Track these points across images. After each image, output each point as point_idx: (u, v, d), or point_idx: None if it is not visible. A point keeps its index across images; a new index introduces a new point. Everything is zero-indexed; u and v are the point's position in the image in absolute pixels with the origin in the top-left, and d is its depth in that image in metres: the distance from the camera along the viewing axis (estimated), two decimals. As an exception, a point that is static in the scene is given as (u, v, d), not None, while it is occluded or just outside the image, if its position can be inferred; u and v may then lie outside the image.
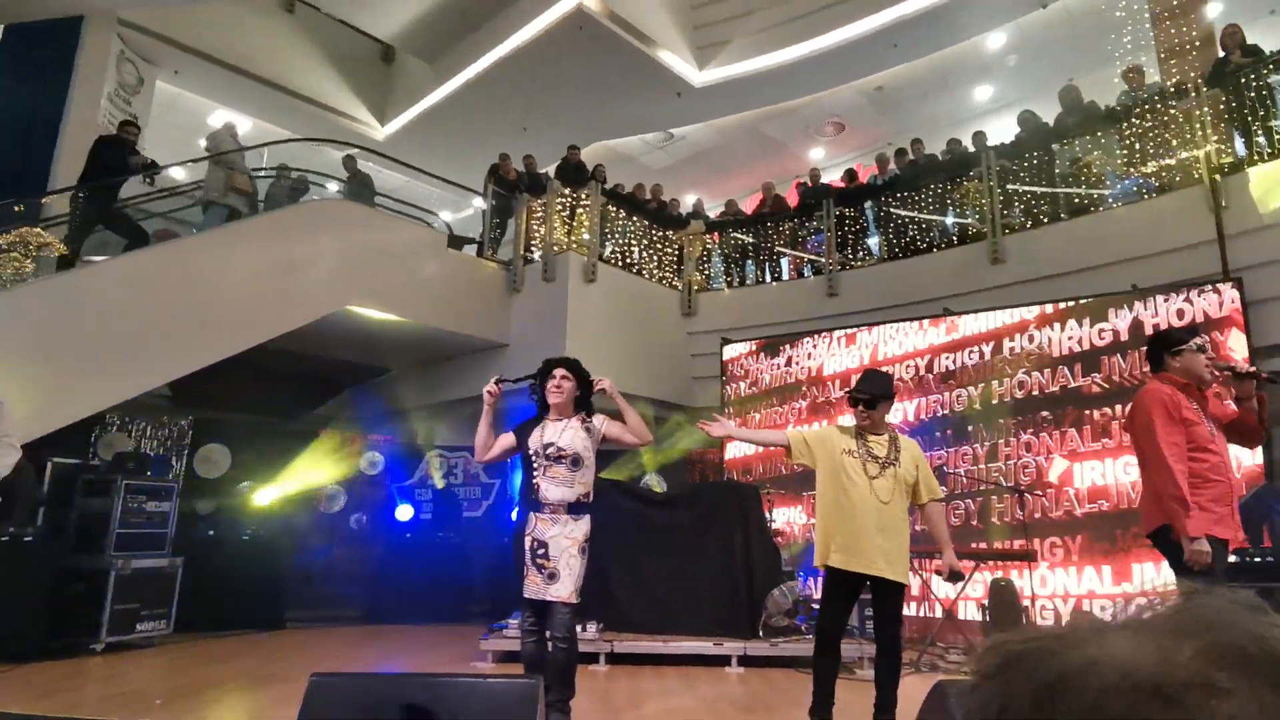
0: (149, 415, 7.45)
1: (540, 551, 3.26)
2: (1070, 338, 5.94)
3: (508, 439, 3.49)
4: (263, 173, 8.45)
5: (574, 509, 3.30)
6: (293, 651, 5.75)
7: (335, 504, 8.19)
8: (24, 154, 7.99)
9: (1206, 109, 6.02)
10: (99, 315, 5.76)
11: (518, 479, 8.46)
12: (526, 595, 3.27)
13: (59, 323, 5.59)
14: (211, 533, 6.83)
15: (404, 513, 8.04)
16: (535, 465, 3.34)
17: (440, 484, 8.27)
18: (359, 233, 7.29)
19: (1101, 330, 5.81)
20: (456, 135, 11.06)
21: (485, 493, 8.59)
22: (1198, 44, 6.78)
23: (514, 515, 7.75)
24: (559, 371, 3.50)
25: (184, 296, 6.13)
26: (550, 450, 3.32)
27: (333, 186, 8.89)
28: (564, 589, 3.20)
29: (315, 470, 7.98)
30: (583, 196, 8.29)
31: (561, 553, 3.23)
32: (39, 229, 6.64)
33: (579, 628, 5.18)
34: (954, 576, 3.44)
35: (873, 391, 3.43)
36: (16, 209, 7.04)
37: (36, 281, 5.90)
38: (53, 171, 7.99)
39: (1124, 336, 5.71)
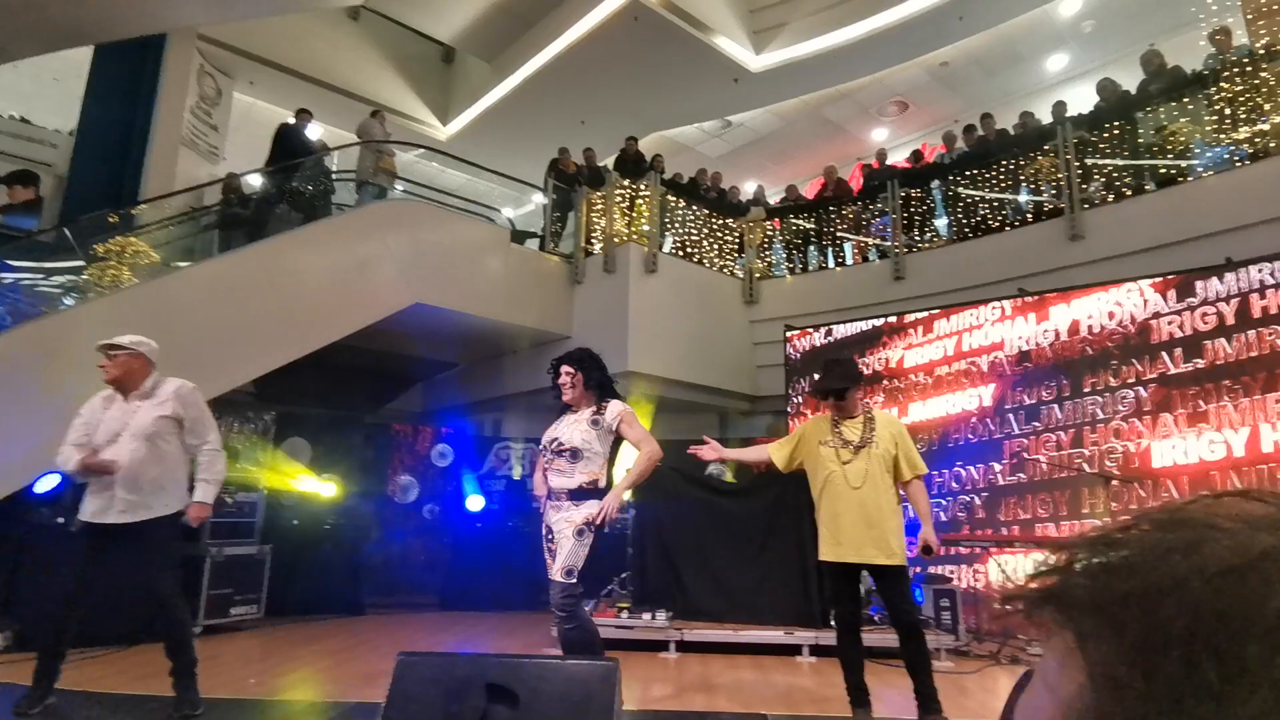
0: (236, 411, 7.84)
1: (549, 536, 3.38)
2: (1159, 316, 5.61)
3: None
4: (334, 176, 8.75)
5: (575, 495, 3.36)
6: (375, 634, 5.98)
7: (409, 494, 8.48)
8: (118, 167, 8.49)
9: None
10: (189, 318, 6.07)
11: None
12: (550, 577, 3.37)
13: (153, 326, 5.87)
14: (295, 522, 7.15)
15: (475, 503, 8.24)
16: (544, 459, 3.46)
17: (518, 474, 8.47)
18: (426, 231, 7.48)
19: (1205, 314, 5.46)
20: (516, 132, 11.22)
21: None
22: None
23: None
24: (563, 368, 3.54)
25: (265, 298, 6.40)
26: (553, 444, 3.42)
27: (399, 187, 9.14)
28: (555, 568, 3.28)
29: (389, 462, 8.27)
30: (642, 187, 8.30)
31: (559, 535, 3.32)
32: (133, 237, 7.07)
33: (648, 615, 5.25)
34: (926, 550, 3.39)
35: (844, 384, 3.43)
36: (111, 219, 7.51)
37: (133, 287, 6.26)
38: (143, 182, 8.47)
39: (1230, 320, 5.35)
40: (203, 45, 9.44)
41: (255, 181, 8.94)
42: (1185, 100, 6.44)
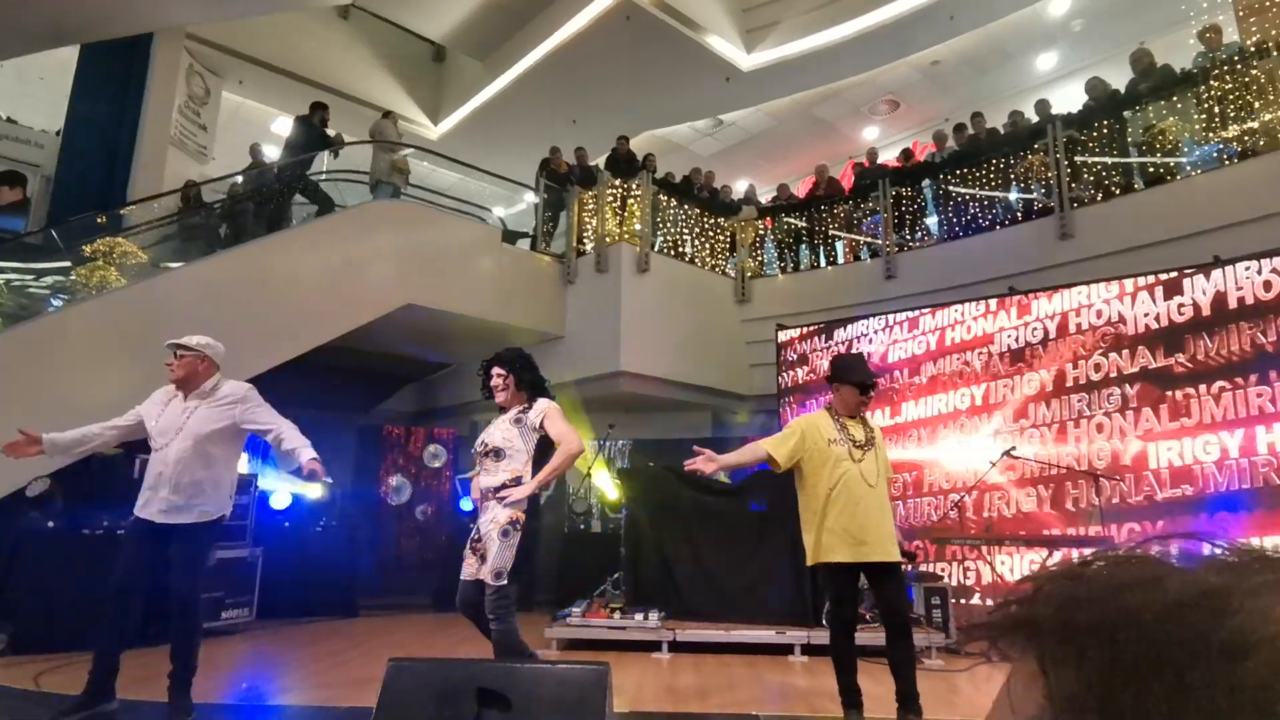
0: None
1: (476, 536, 3.39)
2: (1147, 314, 5.65)
3: None
4: (324, 176, 8.70)
5: (500, 491, 3.37)
6: (368, 637, 5.97)
7: (401, 495, 8.46)
8: (106, 168, 8.43)
9: (1291, 68, 5.69)
10: (178, 319, 6.01)
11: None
12: (462, 576, 3.39)
13: (142, 327, 5.88)
14: (287, 524, 7.12)
15: (467, 504, 8.22)
16: (476, 462, 3.51)
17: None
18: (417, 231, 7.46)
19: (1181, 306, 5.51)
20: (507, 131, 11.20)
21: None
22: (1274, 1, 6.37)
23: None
24: (494, 370, 3.55)
25: (255, 298, 6.37)
26: (481, 447, 3.47)
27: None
28: (485, 570, 3.26)
29: (382, 462, 8.25)
30: (633, 187, 8.29)
31: (486, 536, 3.31)
32: (121, 238, 7.03)
33: (640, 615, 5.25)
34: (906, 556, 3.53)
35: (873, 379, 3.51)
36: (99, 220, 7.46)
37: (122, 288, 6.23)
38: (131, 183, 8.41)
39: (1206, 312, 5.40)
40: (191, 44, 9.38)
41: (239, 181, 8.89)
42: (1174, 99, 6.47)
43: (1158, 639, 0.28)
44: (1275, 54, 5.81)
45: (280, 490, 7.26)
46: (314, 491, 7.16)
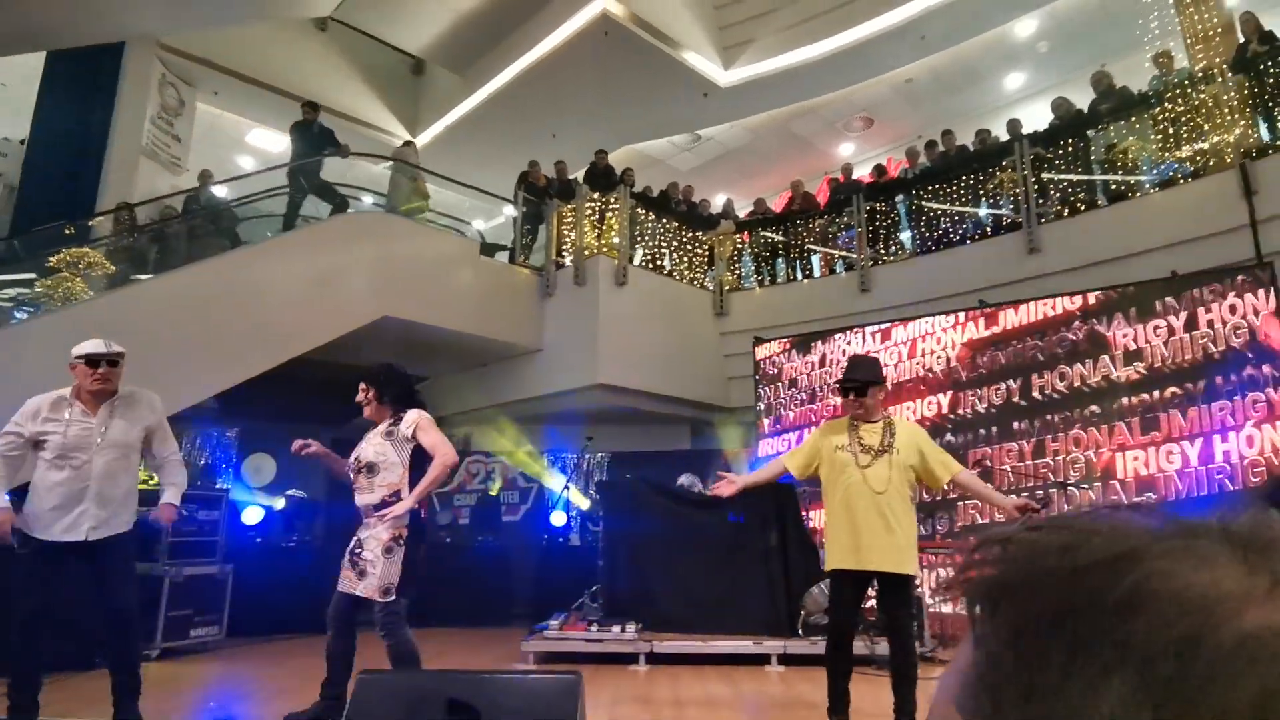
0: (198, 427, 7.68)
1: (357, 550, 3.39)
2: (1124, 335, 5.74)
3: None
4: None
5: (380, 508, 3.40)
6: (339, 654, 5.85)
7: (377, 510, 8.35)
8: (73, 177, 8.30)
9: (1233, 94, 5.96)
10: (148, 331, 5.93)
11: (557, 480, 8.54)
12: (339, 588, 3.41)
13: (112, 339, 5.77)
14: (259, 539, 7.01)
15: (443, 517, 8.15)
16: (351, 479, 3.51)
17: (495, 490, 8.40)
18: (394, 243, 7.43)
19: (1157, 327, 5.62)
20: (486, 144, 11.21)
21: (524, 497, 8.68)
22: (1219, 30, 6.64)
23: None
24: (360, 384, 3.59)
25: (228, 311, 6.30)
26: (354, 463, 3.49)
27: (368, 199, 9.07)
28: (369, 585, 3.30)
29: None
30: (612, 200, 8.33)
31: (370, 553, 3.34)
32: (87, 249, 6.91)
33: (618, 628, 5.23)
34: (1037, 511, 3.17)
35: (864, 378, 3.37)
36: (67, 230, 7.34)
37: (90, 300, 6.12)
38: (100, 193, 8.29)
39: (1180, 333, 5.51)
40: (164, 54, 9.29)
41: (220, 192, 8.82)
42: (1133, 119, 6.69)
43: (1064, 596, 0.30)
44: (1219, 80, 6.07)
45: (251, 506, 7.16)
46: (252, 515, 7.04)
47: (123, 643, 3.32)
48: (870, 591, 3.52)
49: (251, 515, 7.11)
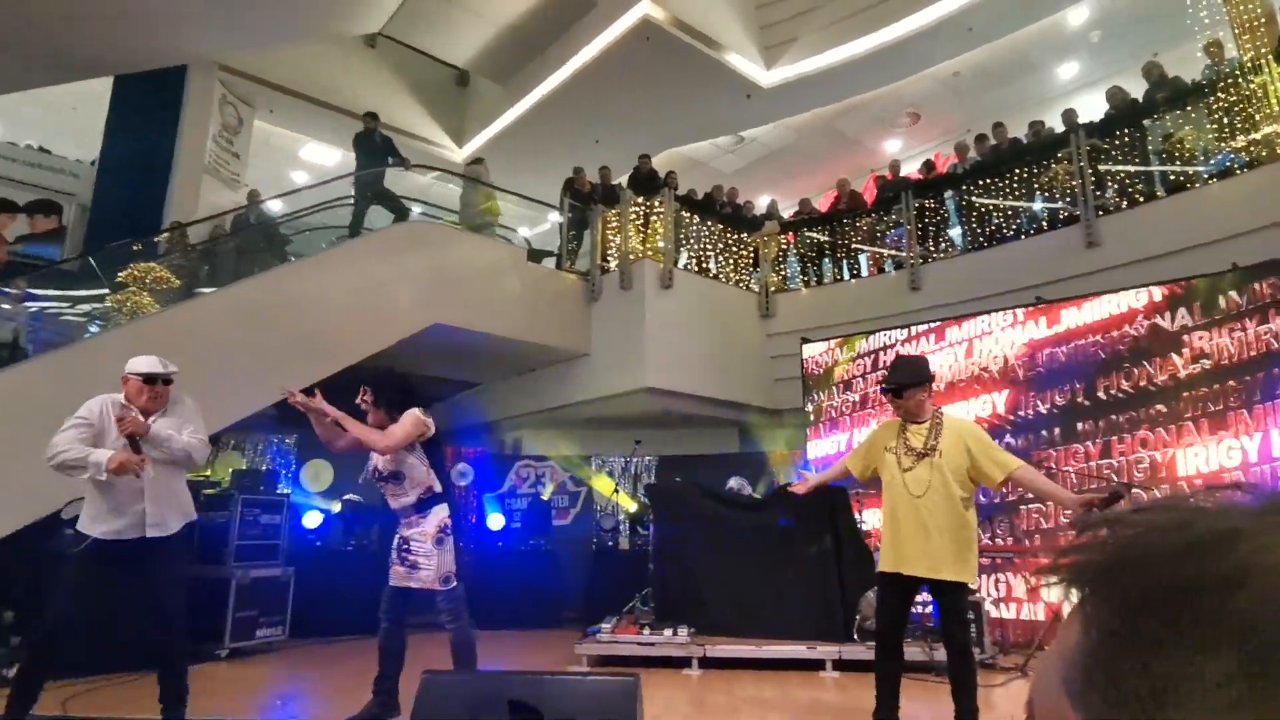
0: (259, 434, 7.94)
1: (403, 548, 3.63)
2: (1189, 330, 5.52)
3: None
4: (352, 200, 8.88)
5: (419, 507, 3.63)
6: (397, 655, 5.98)
7: (430, 514, 8.51)
8: (140, 195, 8.67)
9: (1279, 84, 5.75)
10: (212, 343, 6.16)
11: (607, 484, 8.58)
12: (390, 583, 3.65)
13: (176, 351, 5.94)
14: (319, 543, 7.20)
15: (495, 522, 8.26)
16: (374, 484, 3.72)
17: (547, 495, 8.50)
18: (443, 252, 7.57)
19: (1221, 322, 5.40)
20: (531, 152, 11.36)
21: (573, 500, 8.75)
22: (1263, 20, 6.38)
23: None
24: (360, 388, 3.76)
25: (286, 322, 6.49)
26: (375, 473, 3.67)
27: (416, 209, 9.27)
28: (428, 575, 3.55)
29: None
30: (656, 204, 8.35)
31: (419, 547, 3.58)
32: (153, 264, 7.21)
33: (670, 631, 5.23)
34: (1106, 504, 2.94)
35: (898, 380, 3.32)
36: (135, 247, 7.66)
37: (157, 314, 6.38)
38: (165, 211, 8.65)
39: (1245, 327, 5.28)
40: (224, 75, 9.66)
41: (276, 207, 9.12)
42: (1188, 109, 6.49)
43: (1176, 572, 0.32)
44: (1267, 70, 5.86)
45: (311, 511, 7.38)
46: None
47: (168, 646, 3.35)
48: (926, 597, 3.47)
49: (311, 520, 7.32)
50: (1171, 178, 6.47)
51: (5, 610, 4.97)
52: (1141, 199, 6.53)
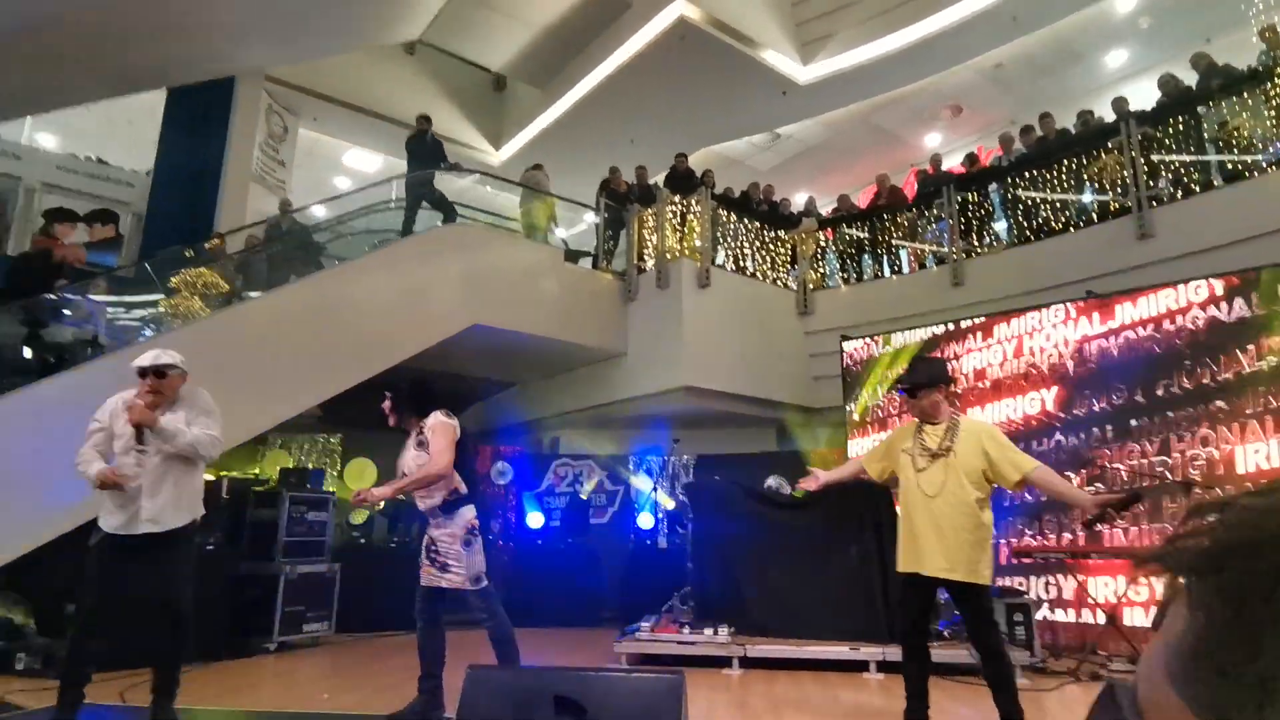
0: (304, 434, 8.13)
1: (432, 548, 3.67)
2: (1250, 324, 5.32)
3: None
4: (392, 204, 9.05)
5: (445, 508, 3.67)
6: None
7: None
8: (192, 204, 8.95)
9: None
10: (258, 346, 6.32)
11: (644, 483, 8.60)
12: (422, 583, 3.69)
13: (224, 354, 6.17)
14: (363, 540, 7.34)
15: (534, 520, 8.33)
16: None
17: (586, 494, 8.54)
18: (482, 254, 7.66)
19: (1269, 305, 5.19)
20: (567, 153, 11.42)
21: (611, 499, 8.77)
22: None
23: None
24: (385, 393, 3.83)
25: (330, 324, 6.63)
26: (402, 476, 3.69)
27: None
28: (458, 577, 3.60)
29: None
30: (693, 203, 8.34)
31: (448, 549, 3.62)
32: (203, 269, 7.42)
33: (710, 630, 5.21)
34: (1123, 506, 3.09)
35: (914, 380, 3.36)
36: (187, 253, 7.91)
37: (206, 318, 6.57)
38: (216, 218, 8.91)
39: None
40: (270, 85, 9.91)
41: (320, 213, 9.32)
42: (1244, 95, 6.24)
43: None
44: None
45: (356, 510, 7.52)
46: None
47: (169, 639, 3.38)
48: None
49: (356, 517, 7.46)
50: (1229, 166, 6.23)
51: (68, 603, 5.16)
52: (1197, 188, 6.30)
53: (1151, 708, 0.34)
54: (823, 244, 9.04)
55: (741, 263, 8.57)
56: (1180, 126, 6.52)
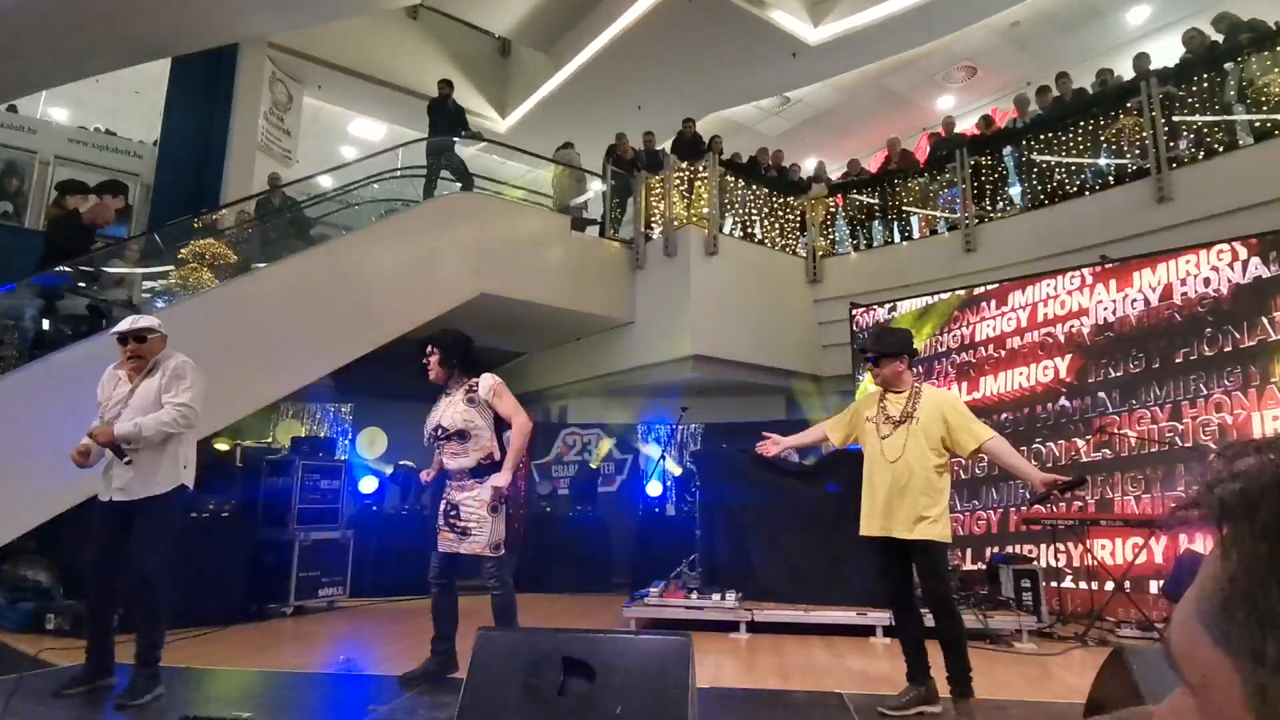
0: (316, 403, 8.19)
1: (452, 513, 3.59)
2: (1255, 278, 5.27)
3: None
4: (399, 173, 8.97)
5: (477, 473, 3.59)
6: (453, 616, 6.16)
7: (481, 481, 8.70)
8: (199, 174, 8.92)
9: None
10: (268, 316, 6.34)
11: (653, 451, 8.63)
12: (439, 549, 3.61)
13: (234, 324, 6.20)
14: (375, 508, 7.43)
15: (543, 488, 8.40)
16: (434, 444, 3.63)
17: (596, 462, 8.59)
18: (488, 223, 7.62)
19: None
20: (574, 120, 11.27)
21: (619, 468, 8.82)
22: None
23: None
24: (429, 347, 3.68)
25: (339, 294, 6.63)
26: (438, 431, 3.59)
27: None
28: (478, 544, 3.53)
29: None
30: (700, 169, 8.23)
31: (473, 514, 3.54)
32: (211, 240, 7.41)
33: (718, 596, 5.26)
34: (1067, 488, 3.21)
35: (880, 349, 3.42)
36: (195, 225, 7.90)
37: (215, 288, 6.59)
38: (223, 189, 8.88)
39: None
40: (273, 53, 9.79)
41: (326, 182, 9.25)
42: (1271, 51, 6.03)
43: None
44: None
45: (366, 477, 7.60)
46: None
47: (140, 606, 3.42)
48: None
49: (367, 485, 7.55)
50: (1255, 125, 6.05)
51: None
52: (1220, 149, 6.15)
53: (1185, 656, 0.34)
54: (832, 210, 8.93)
55: (750, 230, 8.49)
56: (1205, 85, 6.34)
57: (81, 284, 6.64)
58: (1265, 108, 6.03)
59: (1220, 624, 0.32)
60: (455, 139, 8.41)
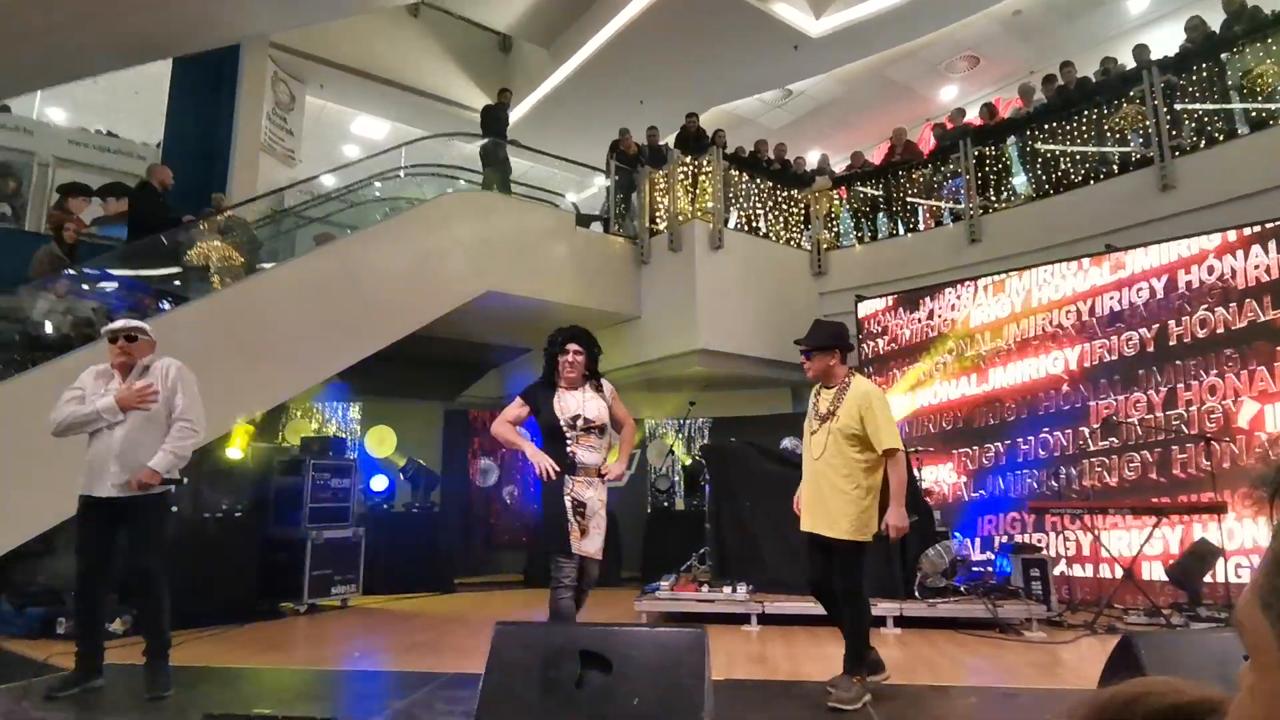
0: (325, 402, 8.22)
1: (581, 510, 3.39)
2: (1257, 266, 5.28)
3: (522, 411, 3.61)
4: (401, 173, 8.99)
5: (601, 474, 3.52)
6: (467, 609, 6.23)
7: (489, 478, 8.74)
8: (203, 175, 8.93)
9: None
10: (275, 316, 6.36)
11: (660, 448, 8.64)
12: (576, 551, 3.34)
13: (242, 325, 6.23)
14: (386, 506, 7.47)
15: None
16: (568, 435, 3.45)
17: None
18: (493, 220, 7.63)
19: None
20: (576, 116, 11.28)
21: (628, 462, 8.83)
22: None
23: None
24: (572, 347, 3.55)
25: (345, 293, 6.65)
26: (580, 422, 3.46)
27: (464, 180, 9.32)
28: (593, 545, 3.39)
29: (469, 446, 8.53)
30: (704, 164, 8.24)
31: (595, 514, 3.42)
32: (218, 242, 7.44)
33: (729, 588, 5.30)
34: (883, 537, 3.33)
35: (809, 342, 3.45)
36: (202, 226, 7.93)
37: (222, 290, 6.61)
38: (228, 189, 8.89)
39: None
40: (275, 52, 9.80)
41: (329, 181, 9.28)
42: (1269, 41, 6.03)
43: None
44: None
45: (377, 475, 7.65)
46: None
47: (145, 602, 3.47)
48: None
49: (377, 483, 7.59)
50: (1253, 115, 6.06)
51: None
52: (1221, 137, 6.14)
53: (1244, 627, 0.36)
54: (836, 203, 8.93)
55: (754, 224, 8.49)
56: (1204, 73, 6.33)
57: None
58: (1261, 97, 6.03)
59: (1266, 594, 0.34)
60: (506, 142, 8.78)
